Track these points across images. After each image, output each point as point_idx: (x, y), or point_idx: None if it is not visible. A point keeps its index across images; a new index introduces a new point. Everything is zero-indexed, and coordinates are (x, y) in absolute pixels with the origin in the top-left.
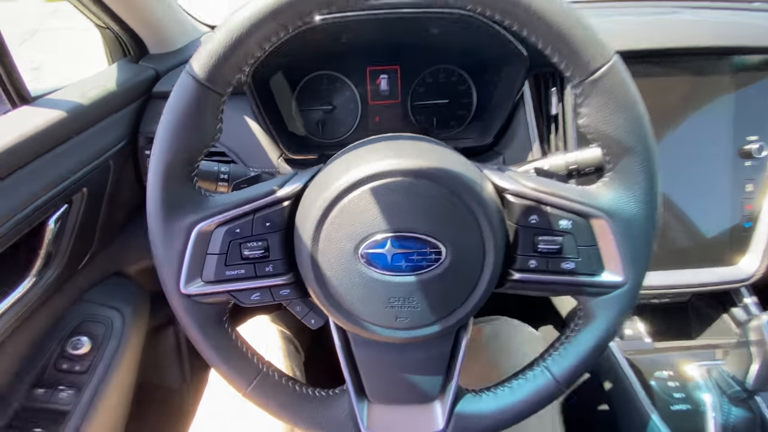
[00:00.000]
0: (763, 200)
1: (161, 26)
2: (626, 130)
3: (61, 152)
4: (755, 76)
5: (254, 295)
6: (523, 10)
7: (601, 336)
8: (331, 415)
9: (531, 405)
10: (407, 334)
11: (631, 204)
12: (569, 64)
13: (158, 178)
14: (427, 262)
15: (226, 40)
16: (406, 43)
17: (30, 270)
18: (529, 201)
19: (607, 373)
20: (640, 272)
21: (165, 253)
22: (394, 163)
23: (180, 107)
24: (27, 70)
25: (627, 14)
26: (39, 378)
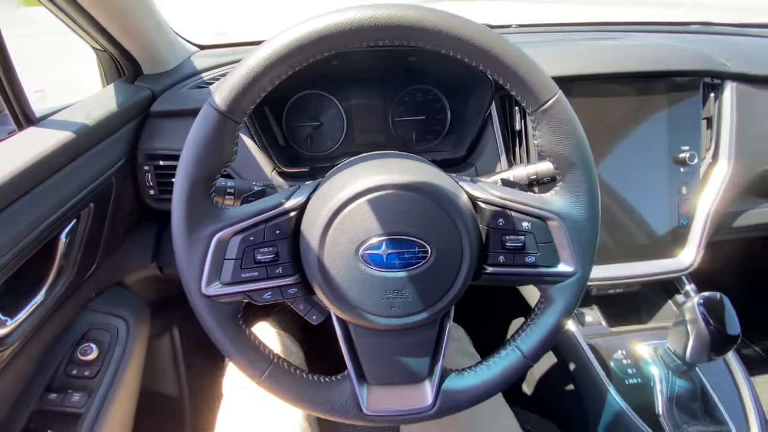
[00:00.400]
0: (697, 201)
1: (155, 48)
2: (570, 150)
3: (70, 170)
4: (686, 94)
5: (266, 294)
6: (489, 57)
7: (559, 317)
8: (335, 398)
9: (505, 378)
10: (401, 321)
11: (577, 208)
12: (524, 97)
13: (183, 195)
14: (416, 260)
15: (244, 78)
16: (387, 67)
17: (45, 281)
18: (497, 207)
19: (571, 356)
20: (587, 262)
21: (188, 259)
22: (386, 178)
23: (203, 134)
24: (30, 92)
25: (578, 39)
26: (50, 383)
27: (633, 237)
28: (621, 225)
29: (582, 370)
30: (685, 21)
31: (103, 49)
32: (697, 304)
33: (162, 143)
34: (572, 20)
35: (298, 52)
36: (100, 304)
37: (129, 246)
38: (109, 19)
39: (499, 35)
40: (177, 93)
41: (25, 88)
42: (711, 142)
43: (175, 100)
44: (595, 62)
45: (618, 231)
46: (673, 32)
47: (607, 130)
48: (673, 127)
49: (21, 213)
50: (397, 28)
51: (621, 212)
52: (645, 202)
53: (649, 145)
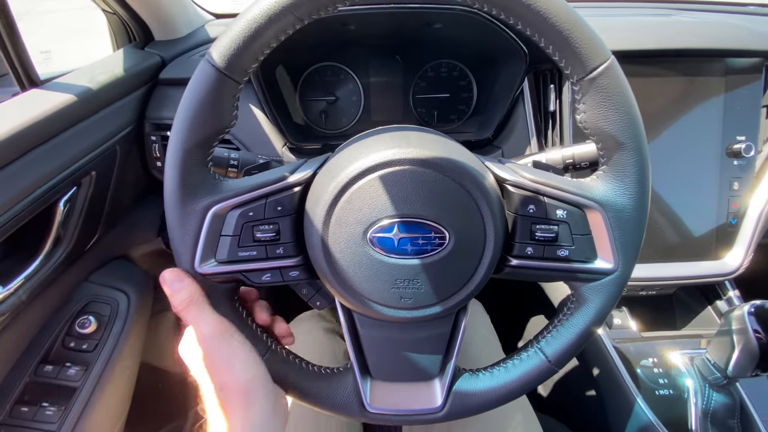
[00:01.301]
0: (749, 198)
1: (167, 13)
2: (620, 127)
3: (71, 135)
4: (745, 78)
5: (265, 276)
6: (529, 10)
7: (591, 320)
8: (335, 392)
9: (524, 384)
10: (411, 314)
11: (623, 196)
12: (569, 62)
13: (176, 162)
14: (431, 247)
15: (245, 31)
16: (410, 37)
17: (41, 250)
18: (528, 192)
19: (596, 360)
20: (629, 260)
21: (181, 233)
22: (403, 152)
23: (199, 94)
24: (36, 54)
25: (623, 15)
26: (47, 355)
27: (672, 234)
28: (659, 220)
29: (607, 376)
30: (743, 2)
31: (114, 12)
32: (747, 313)
33: (170, 113)
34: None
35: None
36: (102, 277)
37: (134, 218)
38: None
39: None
40: (187, 60)
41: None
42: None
43: (185, 68)
44: (644, 37)
45: (655, 227)
46: (728, 12)
47: (653, 114)
48: (728, 115)
49: (16, 176)
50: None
51: (660, 207)
52: (690, 196)
53: (700, 134)
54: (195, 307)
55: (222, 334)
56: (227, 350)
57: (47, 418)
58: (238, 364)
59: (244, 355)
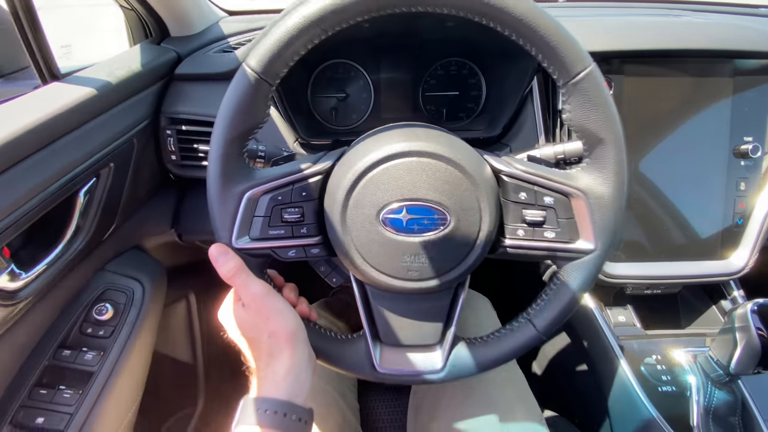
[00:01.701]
0: (756, 199)
1: (183, 10)
2: (600, 125)
3: (91, 128)
4: (754, 79)
5: (291, 252)
6: (521, 23)
7: (574, 293)
8: (351, 354)
9: (515, 350)
10: (416, 285)
11: (603, 185)
12: (555, 68)
13: (218, 153)
14: (434, 226)
15: (279, 40)
16: (420, 35)
17: (62, 238)
18: (520, 181)
19: (600, 357)
20: (607, 241)
21: (221, 214)
22: (411, 145)
23: (239, 94)
24: (57, 48)
25: (634, 14)
26: (65, 340)
27: (678, 234)
28: (665, 220)
29: (610, 372)
30: (755, 3)
31: (131, 8)
32: (750, 311)
33: (185, 107)
34: None
35: (332, 15)
36: (118, 266)
37: (149, 210)
38: None
39: (532, 2)
40: (202, 56)
41: (51, 43)
42: None
43: (200, 64)
44: (653, 37)
45: (661, 226)
46: (739, 14)
47: (661, 114)
48: (736, 116)
49: (38, 167)
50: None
51: (667, 205)
52: (696, 196)
53: (707, 134)
54: (243, 273)
55: (270, 292)
56: (275, 304)
57: (65, 400)
58: (285, 315)
59: (288, 309)
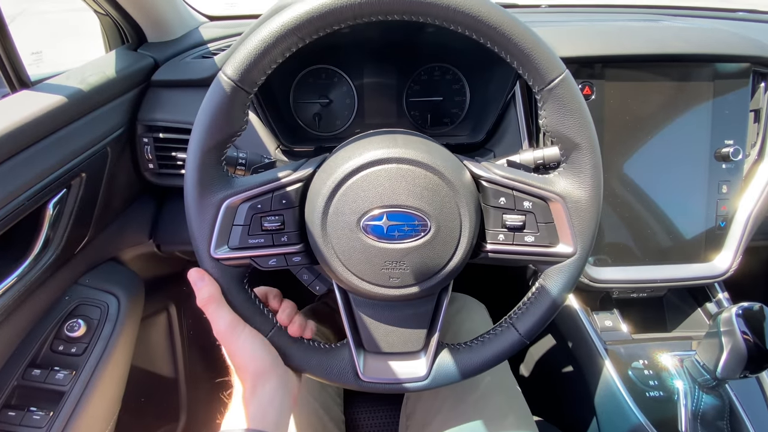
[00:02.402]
0: (738, 201)
1: (160, 15)
2: (575, 130)
3: (61, 137)
4: (733, 83)
5: (271, 261)
6: (496, 32)
7: (556, 297)
8: (334, 364)
9: (499, 354)
10: (398, 292)
11: (580, 189)
12: (531, 75)
13: (195, 162)
14: (415, 233)
15: (256, 48)
16: (403, 41)
17: (29, 252)
18: (499, 186)
19: (586, 361)
20: (587, 244)
21: (198, 223)
22: (390, 151)
23: (215, 102)
24: (27, 55)
25: (614, 20)
26: (35, 358)
27: (662, 237)
28: (649, 224)
29: (597, 378)
30: (732, 7)
31: (106, 13)
32: (735, 315)
33: (162, 114)
34: (609, 2)
35: (308, 23)
36: (92, 279)
37: (126, 221)
38: None
39: (507, 11)
40: (180, 62)
41: (20, 51)
42: (758, 137)
43: (178, 70)
44: (634, 42)
45: (646, 230)
46: (718, 18)
47: (642, 119)
48: (716, 119)
49: (4, 178)
50: (405, 2)
51: (650, 209)
52: (679, 199)
53: (689, 138)
54: (214, 304)
55: (235, 327)
56: (240, 339)
57: (35, 422)
58: (249, 351)
59: (254, 345)
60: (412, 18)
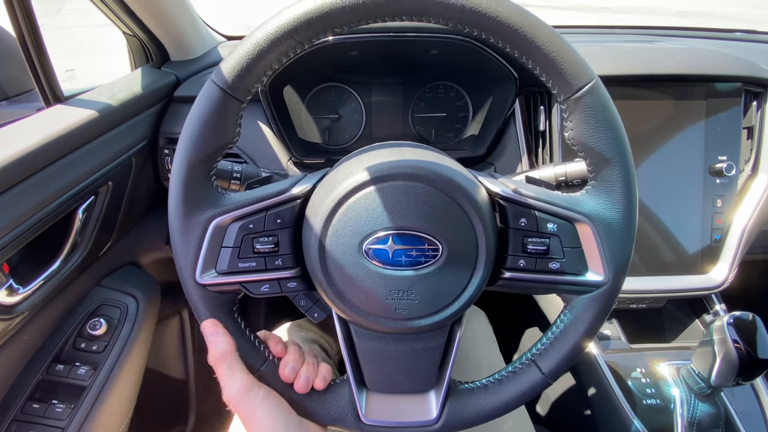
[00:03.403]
0: (732, 215)
1: (183, 35)
2: (606, 144)
3: (91, 148)
4: (726, 101)
5: (264, 287)
6: (518, 35)
7: (584, 332)
8: (332, 404)
9: (519, 396)
10: (405, 324)
11: (611, 210)
12: (556, 83)
13: (180, 176)
14: (425, 258)
15: (248, 53)
16: (409, 61)
17: (59, 255)
18: (519, 205)
19: (585, 370)
20: (619, 272)
21: (183, 244)
22: (397, 166)
23: (204, 112)
24: (61, 72)
25: (610, 41)
26: (58, 354)
27: (660, 250)
28: (648, 236)
29: (597, 387)
30: (730, 28)
31: (133, 34)
32: (727, 324)
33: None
34: (605, 23)
35: (306, 26)
36: (113, 281)
37: (145, 227)
38: (141, 6)
39: (528, 12)
40: (200, 79)
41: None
42: (751, 153)
43: (198, 86)
44: (629, 63)
45: (644, 242)
46: (715, 38)
47: (639, 136)
48: (710, 136)
49: (40, 185)
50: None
51: (649, 223)
52: (676, 213)
53: (684, 154)
54: (226, 363)
55: (245, 390)
56: (251, 405)
57: (57, 415)
58: (263, 416)
59: (266, 406)
60: (422, 20)
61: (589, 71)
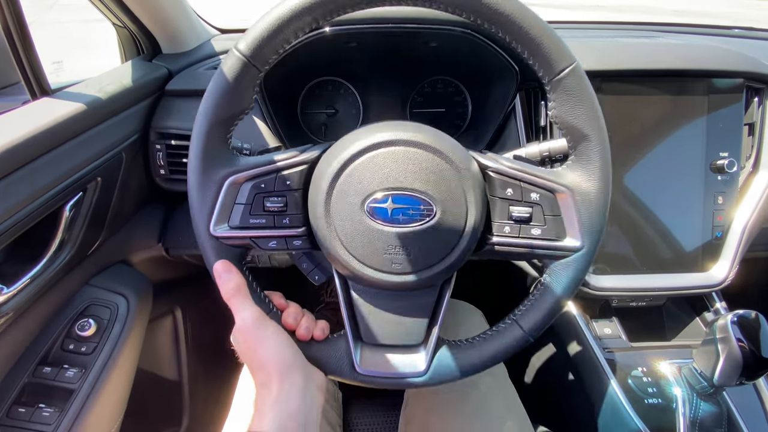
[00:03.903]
0: (733, 212)
1: (175, 28)
2: (584, 121)
3: (79, 142)
4: (727, 97)
5: (272, 243)
6: (507, 19)
7: (562, 293)
8: (330, 354)
9: (502, 352)
10: (400, 278)
11: (588, 181)
12: (540, 65)
13: (201, 137)
14: (420, 217)
15: (270, 26)
16: (407, 54)
17: (45, 253)
18: (506, 177)
19: (586, 369)
20: (594, 238)
21: (200, 199)
22: (398, 134)
23: (226, 77)
24: (48, 64)
25: (611, 36)
26: (46, 356)
27: (661, 247)
28: (648, 234)
29: (597, 386)
30: (728, 25)
31: (123, 25)
32: (731, 322)
33: (174, 122)
34: (605, 19)
35: (322, 4)
36: (103, 280)
37: (136, 224)
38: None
39: (520, 1)
40: (193, 73)
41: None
42: (752, 149)
43: (191, 80)
44: (629, 58)
45: (644, 240)
46: (714, 35)
47: (639, 132)
48: (711, 132)
49: (25, 181)
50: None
51: (649, 220)
52: (676, 210)
53: (684, 150)
54: (239, 296)
55: (259, 319)
56: (264, 333)
57: (44, 419)
58: (274, 345)
59: (278, 338)
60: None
61: (570, 55)
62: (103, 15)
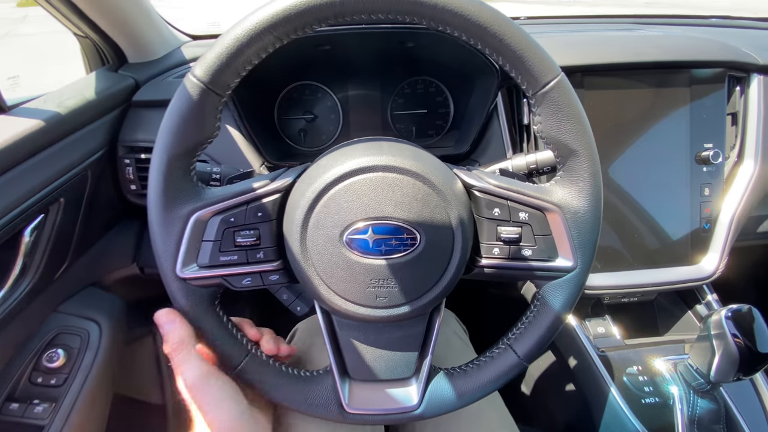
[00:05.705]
0: (720, 203)
1: (140, 35)
2: (572, 135)
3: (38, 161)
4: (709, 87)
5: (245, 280)
6: (488, 33)
7: (556, 315)
8: (315, 393)
9: (496, 379)
10: (386, 312)
11: (578, 199)
12: (524, 78)
13: (160, 170)
14: (403, 247)
15: (228, 48)
16: (385, 55)
17: (5, 281)
18: (492, 196)
19: (580, 369)
20: (587, 257)
21: (163, 239)
22: (376, 159)
23: (183, 106)
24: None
25: (590, 30)
26: (12, 392)
27: (649, 242)
28: (636, 229)
29: (592, 386)
30: (705, 14)
31: (85, 35)
32: (725, 318)
33: (144, 135)
34: (585, 13)
35: (285, 22)
36: (72, 306)
37: (107, 244)
38: (89, 4)
39: (498, 11)
40: (162, 82)
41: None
42: (736, 139)
43: (160, 89)
44: (611, 52)
45: (633, 235)
46: (692, 24)
47: (623, 125)
48: (695, 123)
49: None
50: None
51: (637, 215)
52: (663, 203)
53: (669, 142)
54: (184, 351)
55: (202, 378)
56: (207, 392)
57: None
58: (216, 406)
59: (221, 395)
60: (398, 18)
61: (554, 67)
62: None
